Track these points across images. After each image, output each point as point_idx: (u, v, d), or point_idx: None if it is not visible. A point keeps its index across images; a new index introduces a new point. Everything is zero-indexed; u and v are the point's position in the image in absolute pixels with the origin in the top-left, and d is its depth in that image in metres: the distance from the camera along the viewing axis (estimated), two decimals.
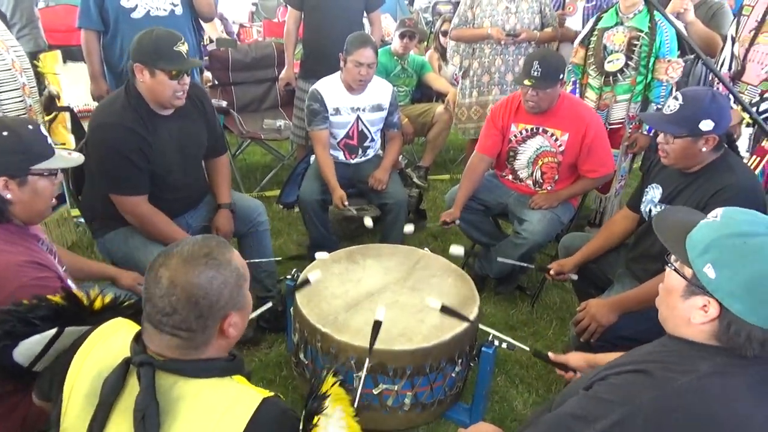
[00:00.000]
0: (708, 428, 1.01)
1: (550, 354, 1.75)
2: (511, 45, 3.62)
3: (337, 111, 3.02)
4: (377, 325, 1.88)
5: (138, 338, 1.09)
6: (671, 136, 1.94)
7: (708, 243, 1.07)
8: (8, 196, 1.52)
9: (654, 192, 2.14)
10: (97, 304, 1.32)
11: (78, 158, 1.73)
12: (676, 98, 1.93)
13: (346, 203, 2.93)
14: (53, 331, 1.27)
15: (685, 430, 1.02)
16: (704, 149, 1.91)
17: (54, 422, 1.12)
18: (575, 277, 2.44)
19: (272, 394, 1.08)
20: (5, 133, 1.51)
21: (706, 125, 1.86)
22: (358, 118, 3.06)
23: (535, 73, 2.54)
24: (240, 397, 1.05)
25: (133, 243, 2.26)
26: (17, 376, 1.33)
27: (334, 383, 1.18)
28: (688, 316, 1.09)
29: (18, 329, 1.25)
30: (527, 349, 1.96)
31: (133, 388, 1.03)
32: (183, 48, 2.14)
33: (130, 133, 2.13)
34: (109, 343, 1.14)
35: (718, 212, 1.11)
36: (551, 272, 2.44)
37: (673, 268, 1.14)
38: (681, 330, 1.13)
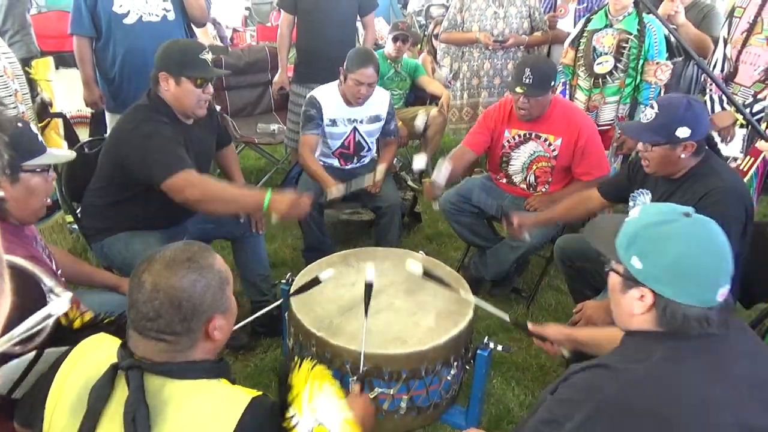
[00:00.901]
0: (670, 412, 1.05)
1: (528, 324, 1.81)
2: (499, 50, 3.63)
3: (333, 122, 2.99)
4: (369, 288, 1.84)
5: (124, 345, 1.09)
6: (650, 144, 1.97)
7: (630, 237, 1.16)
8: (1, 194, 1.52)
9: (644, 198, 2.15)
10: (77, 324, 1.31)
11: (69, 154, 1.75)
12: (652, 107, 1.96)
13: (341, 187, 2.84)
14: (32, 354, 1.24)
15: (650, 417, 1.05)
16: (683, 156, 1.94)
17: None
18: (528, 237, 2.47)
19: (260, 393, 1.08)
20: None
21: (683, 132, 1.89)
22: (355, 129, 3.04)
23: (527, 81, 2.53)
24: (229, 396, 1.06)
25: (133, 248, 2.25)
26: None
27: (311, 367, 1.17)
28: (630, 309, 1.17)
29: None
30: (507, 318, 1.98)
31: (121, 393, 1.04)
32: (208, 57, 2.19)
33: (159, 125, 2.15)
34: (93, 356, 1.13)
35: (636, 209, 1.22)
36: (512, 220, 2.43)
37: (609, 268, 1.22)
38: (629, 324, 1.20)
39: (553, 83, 2.61)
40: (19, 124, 1.60)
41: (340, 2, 3.55)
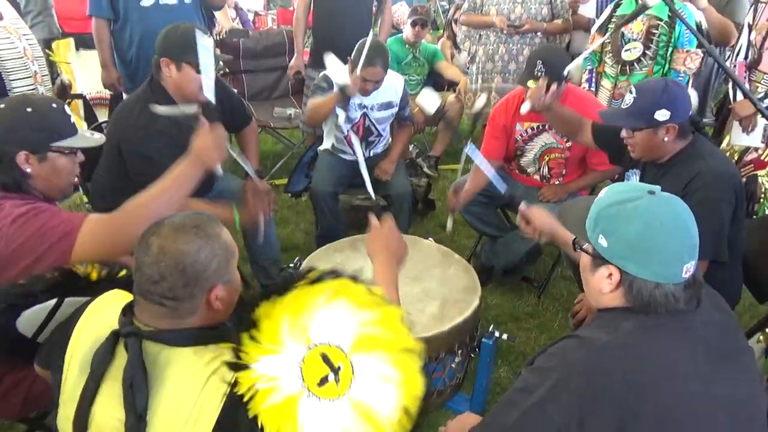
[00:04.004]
0: (637, 376, 1.08)
1: (522, 204, 1.85)
2: (515, 35, 3.57)
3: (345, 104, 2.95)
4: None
5: (126, 311, 1.13)
6: (630, 129, 1.94)
7: (596, 216, 1.20)
8: (28, 170, 1.56)
9: (635, 178, 2.12)
10: (93, 275, 1.37)
11: (99, 139, 1.75)
12: (630, 92, 1.92)
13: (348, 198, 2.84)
14: (53, 301, 1.31)
15: (614, 381, 1.08)
16: (666, 139, 1.89)
17: (55, 391, 1.16)
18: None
19: None
20: (29, 110, 1.57)
21: (662, 115, 1.85)
22: (365, 115, 3.00)
23: (539, 74, 2.44)
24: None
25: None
26: (22, 348, 1.36)
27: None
28: (599, 287, 1.20)
29: (19, 302, 1.30)
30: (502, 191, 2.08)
31: (121, 358, 1.07)
32: (209, 41, 2.15)
33: (160, 133, 2.16)
34: (104, 315, 1.18)
35: (603, 189, 1.24)
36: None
37: (580, 248, 1.25)
38: (600, 302, 1.23)
39: (566, 74, 2.54)
40: (54, 105, 1.64)
41: None
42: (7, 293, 1.30)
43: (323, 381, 0.99)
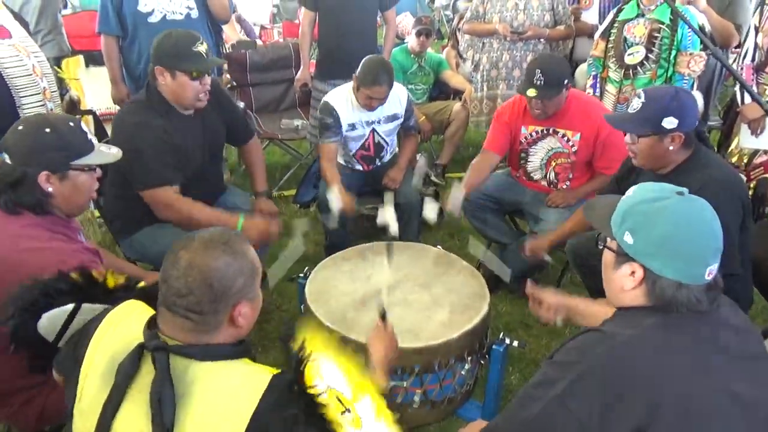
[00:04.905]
0: (659, 373, 1.09)
1: (528, 283, 1.81)
2: (518, 41, 3.59)
3: (352, 126, 2.95)
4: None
5: (150, 324, 1.14)
6: (636, 135, 1.93)
7: (623, 214, 1.20)
8: (49, 189, 1.58)
9: None
10: (110, 282, 1.39)
11: (117, 153, 1.77)
12: (639, 96, 1.91)
13: (356, 207, 2.86)
14: (71, 306, 1.33)
15: (636, 374, 1.09)
16: (671, 148, 1.88)
17: (69, 402, 1.16)
18: (549, 259, 2.52)
19: (279, 371, 1.11)
20: (47, 130, 1.58)
21: (670, 123, 1.84)
22: (374, 130, 3.02)
23: (538, 82, 2.46)
24: (251, 375, 1.10)
25: (163, 240, 2.28)
26: (44, 352, 1.36)
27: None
28: (621, 285, 1.21)
29: (38, 301, 1.31)
30: (507, 279, 2.20)
31: (146, 371, 1.07)
32: (202, 48, 2.18)
33: (152, 129, 2.18)
34: (124, 326, 1.18)
35: (632, 188, 1.25)
36: (526, 252, 2.50)
37: (603, 245, 1.26)
38: (621, 300, 1.23)
39: (566, 81, 2.54)
40: (71, 124, 1.65)
41: None
42: (30, 290, 1.31)
43: (344, 413, 1.08)
